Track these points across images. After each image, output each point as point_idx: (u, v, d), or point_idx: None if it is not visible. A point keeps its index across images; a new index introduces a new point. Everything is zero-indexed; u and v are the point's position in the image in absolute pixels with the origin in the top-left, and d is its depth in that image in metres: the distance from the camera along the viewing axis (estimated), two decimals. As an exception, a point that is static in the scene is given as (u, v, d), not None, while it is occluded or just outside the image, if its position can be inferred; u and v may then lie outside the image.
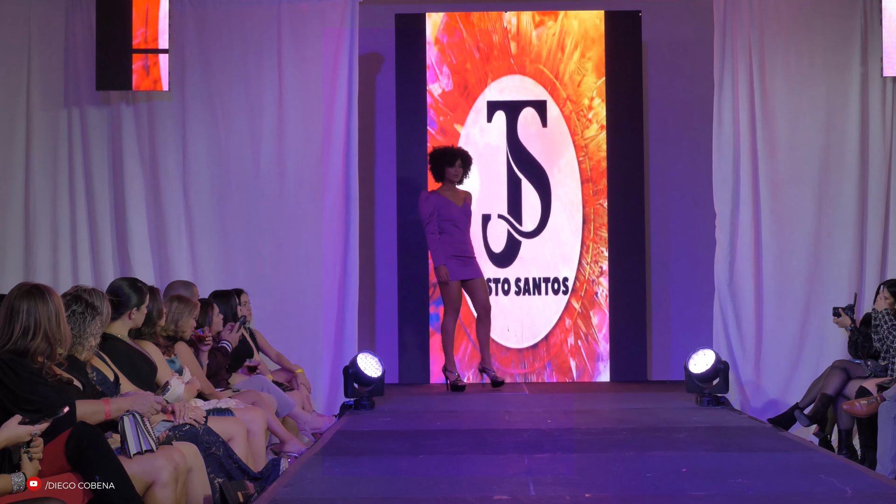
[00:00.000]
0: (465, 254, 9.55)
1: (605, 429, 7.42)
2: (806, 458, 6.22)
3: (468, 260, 9.57)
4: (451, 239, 9.51)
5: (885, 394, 6.98)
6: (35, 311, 4.76)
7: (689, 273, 10.77)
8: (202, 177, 9.64)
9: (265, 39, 9.61)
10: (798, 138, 9.48)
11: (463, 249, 9.54)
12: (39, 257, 9.57)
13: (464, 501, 5.01)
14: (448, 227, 9.52)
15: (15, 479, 4.13)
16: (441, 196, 9.55)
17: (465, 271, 9.51)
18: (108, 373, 5.60)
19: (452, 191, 9.62)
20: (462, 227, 9.57)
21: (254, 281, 9.35)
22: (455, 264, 9.48)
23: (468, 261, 9.57)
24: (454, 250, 9.49)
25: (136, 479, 4.63)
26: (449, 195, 9.58)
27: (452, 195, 9.60)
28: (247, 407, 6.65)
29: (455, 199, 9.59)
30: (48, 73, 9.62)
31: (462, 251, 9.53)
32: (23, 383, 4.69)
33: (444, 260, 9.45)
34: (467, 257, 9.57)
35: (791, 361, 9.35)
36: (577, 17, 10.62)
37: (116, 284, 6.14)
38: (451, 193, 9.60)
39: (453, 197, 9.59)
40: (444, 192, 9.59)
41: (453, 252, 9.49)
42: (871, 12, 9.38)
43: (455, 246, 9.50)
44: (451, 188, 9.63)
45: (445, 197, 9.55)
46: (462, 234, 9.57)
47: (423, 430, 7.46)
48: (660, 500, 5.09)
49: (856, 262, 9.41)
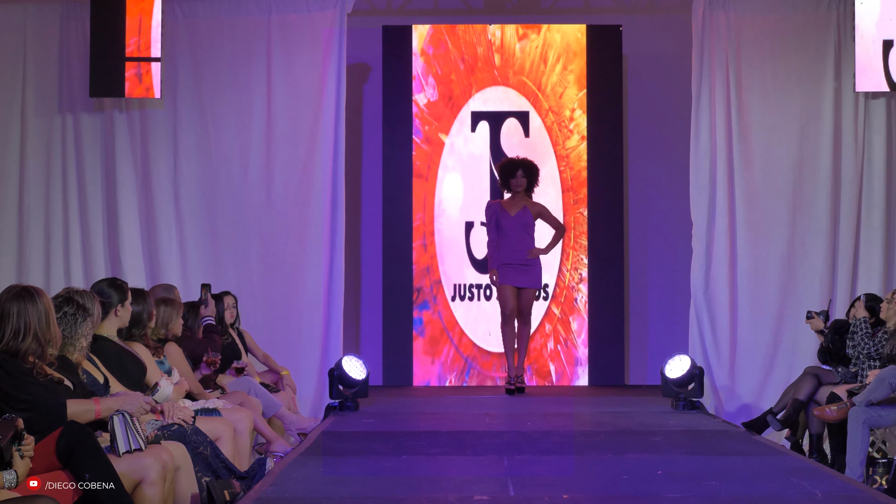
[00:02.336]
0: (515, 261, 9.33)
1: (583, 431, 7.42)
2: (778, 461, 6.23)
3: (519, 267, 9.34)
4: (504, 247, 9.35)
5: (854, 399, 7.00)
6: (25, 313, 4.75)
7: (666, 280, 10.79)
8: (192, 183, 9.64)
9: (255, 49, 9.62)
10: (773, 151, 9.51)
11: (513, 257, 9.33)
12: (32, 260, 9.57)
13: (445, 501, 5.00)
14: (501, 236, 9.38)
15: (6, 477, 4.11)
16: (499, 205, 9.46)
17: (515, 278, 9.32)
18: (98, 376, 5.59)
19: (514, 200, 9.44)
20: (513, 235, 9.36)
21: (242, 284, 9.34)
22: (509, 271, 9.31)
23: (520, 268, 9.34)
24: (507, 258, 9.31)
25: (125, 477, 4.62)
26: (507, 204, 9.44)
27: (511, 204, 9.43)
28: (234, 407, 6.64)
29: (511, 208, 9.41)
30: (43, 79, 9.60)
31: (514, 259, 9.32)
32: (15, 383, 4.68)
33: (494, 265, 9.35)
34: (519, 265, 9.34)
35: (764, 367, 9.38)
36: (560, 30, 10.64)
37: (97, 287, 6.13)
38: (511, 202, 9.44)
39: (510, 206, 9.41)
40: (505, 202, 9.46)
41: (506, 260, 9.32)
42: (845, 29, 9.42)
43: (506, 253, 9.33)
44: (515, 198, 9.44)
45: (502, 206, 9.43)
46: (512, 243, 9.34)
47: (406, 432, 7.45)
48: (636, 501, 5.09)
49: (828, 270, 9.45)
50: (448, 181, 10.61)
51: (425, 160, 10.60)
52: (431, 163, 10.61)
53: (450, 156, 10.60)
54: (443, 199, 10.60)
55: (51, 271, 9.56)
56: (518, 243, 9.33)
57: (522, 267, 9.32)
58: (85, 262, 9.61)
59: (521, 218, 9.36)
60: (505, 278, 9.26)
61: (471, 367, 10.51)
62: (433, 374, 10.51)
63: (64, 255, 9.61)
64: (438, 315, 10.54)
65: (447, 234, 10.60)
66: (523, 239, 9.36)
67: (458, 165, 10.61)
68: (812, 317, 8.21)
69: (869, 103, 9.48)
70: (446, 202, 10.61)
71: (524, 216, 9.37)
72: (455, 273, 10.57)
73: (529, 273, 9.35)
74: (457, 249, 10.58)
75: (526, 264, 9.32)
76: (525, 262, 9.32)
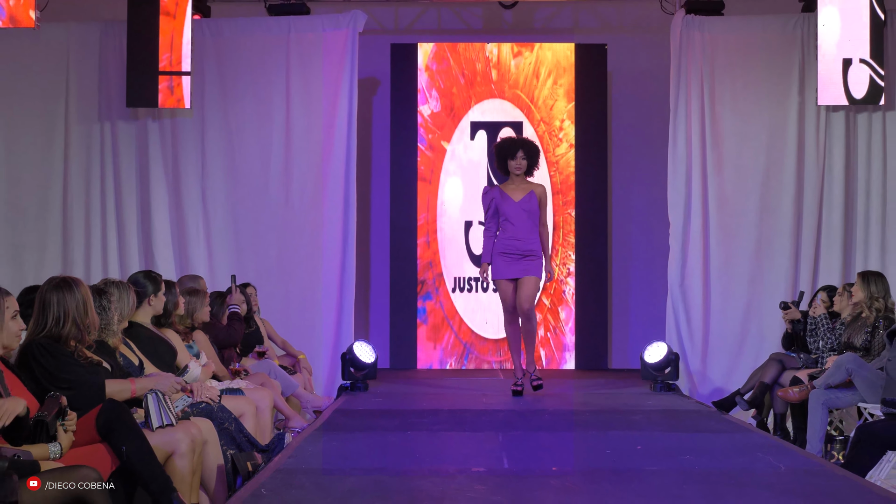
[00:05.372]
0: (515, 251, 7.84)
1: (571, 410, 7.42)
2: (745, 438, 6.24)
3: (517, 258, 7.84)
4: (504, 235, 7.87)
5: (815, 382, 7.01)
6: (64, 302, 4.77)
7: (646, 275, 10.80)
8: (218, 184, 9.64)
9: (275, 65, 9.61)
10: (742, 158, 9.51)
11: (513, 246, 7.83)
12: (75, 253, 9.58)
13: (446, 472, 5.02)
14: (503, 223, 7.89)
15: (52, 449, 4.13)
16: (499, 190, 7.95)
17: (510, 270, 7.84)
18: (133, 358, 5.61)
19: (515, 185, 7.93)
20: (516, 222, 7.84)
21: (262, 277, 9.35)
22: (501, 262, 7.85)
23: (518, 258, 7.84)
24: (503, 247, 7.84)
25: (157, 450, 4.63)
26: (509, 189, 7.92)
27: (513, 189, 7.92)
28: (256, 387, 6.65)
29: (514, 193, 7.89)
30: (84, 91, 9.61)
31: (511, 248, 7.83)
32: (58, 364, 4.70)
33: (487, 258, 7.91)
34: (517, 255, 7.84)
35: (733, 353, 9.38)
36: (551, 48, 10.65)
37: (134, 277, 6.14)
38: (512, 187, 7.92)
39: (513, 192, 7.89)
40: (506, 186, 7.96)
41: (502, 249, 7.85)
42: (808, 48, 9.42)
43: (505, 242, 7.84)
44: (515, 182, 7.94)
45: (504, 191, 7.92)
46: (515, 230, 7.84)
47: (410, 410, 7.46)
48: (618, 473, 5.11)
49: (791, 267, 9.46)
50: (449, 184, 10.62)
51: (429, 165, 10.61)
52: (434, 168, 10.62)
53: (451, 161, 10.61)
54: (444, 201, 10.61)
55: (91, 263, 9.58)
56: (521, 231, 7.86)
57: (520, 256, 7.85)
58: (121, 255, 9.61)
59: (525, 204, 7.87)
60: (498, 272, 7.87)
61: (469, 352, 10.52)
62: (435, 358, 10.53)
63: (102, 249, 9.62)
64: (440, 305, 10.55)
65: (448, 232, 10.61)
66: (527, 227, 7.87)
67: (459, 170, 10.62)
68: (789, 307, 8.19)
69: (829, 116, 9.48)
70: (448, 203, 10.62)
71: (530, 202, 7.88)
72: (455, 267, 10.59)
73: (526, 261, 7.85)
74: (457, 246, 10.59)
75: (524, 254, 7.84)
76: (524, 251, 7.84)
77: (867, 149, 9.49)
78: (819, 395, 6.86)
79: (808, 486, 4.86)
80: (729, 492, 4.66)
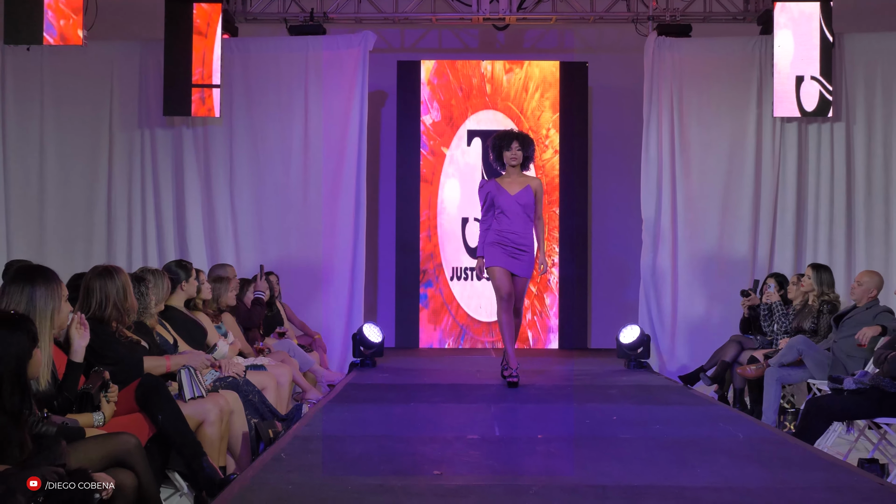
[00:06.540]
0: (510, 243, 7.05)
1: (554, 385, 7.42)
2: (708, 410, 6.24)
3: (512, 251, 7.06)
4: (499, 227, 7.05)
5: (769, 361, 7.00)
6: (105, 288, 4.76)
7: (621, 265, 10.79)
8: (244, 185, 9.62)
9: (295, 79, 9.59)
10: (707, 164, 9.50)
11: (508, 239, 7.04)
12: (118, 245, 9.56)
13: (444, 439, 5.01)
14: (499, 215, 7.07)
15: (96, 417, 4.12)
16: (495, 183, 7.13)
17: (505, 261, 7.04)
18: (168, 338, 5.60)
19: (512, 178, 7.12)
20: (511, 216, 7.03)
21: (283, 266, 9.33)
22: (496, 252, 7.04)
23: (512, 252, 7.06)
24: (498, 238, 7.04)
25: (189, 419, 4.63)
26: (505, 182, 7.11)
27: (509, 182, 7.10)
28: (277, 364, 6.65)
29: (510, 186, 7.08)
30: (126, 101, 9.58)
31: (506, 241, 7.04)
32: (102, 343, 4.69)
33: (481, 251, 7.15)
34: (512, 247, 7.06)
35: (698, 335, 9.37)
36: (539, 65, 10.62)
37: (167, 266, 6.13)
38: (508, 181, 7.11)
39: (509, 185, 7.08)
40: (502, 180, 7.14)
41: (496, 240, 7.04)
42: (765, 66, 9.40)
43: (500, 234, 7.04)
44: (511, 175, 7.13)
45: (500, 184, 7.10)
46: (510, 223, 7.03)
47: (413, 384, 7.45)
48: (596, 440, 5.10)
49: (749, 260, 9.45)
50: (448, 185, 10.60)
51: (430, 168, 10.59)
52: (435, 170, 10.60)
53: (450, 165, 10.60)
54: (444, 200, 10.60)
55: (132, 254, 9.56)
56: (516, 224, 7.07)
57: (516, 251, 7.08)
58: (159, 246, 9.59)
59: (522, 198, 7.07)
60: (494, 259, 7.05)
61: (465, 333, 10.51)
62: (435, 338, 10.52)
63: (142, 241, 9.60)
64: (440, 292, 10.54)
65: (447, 228, 10.60)
66: (522, 220, 7.08)
67: (457, 173, 10.60)
68: (749, 294, 8.18)
69: (784, 126, 9.46)
70: (447, 202, 10.60)
71: (526, 196, 7.08)
72: (453, 258, 10.58)
73: (521, 260, 7.09)
74: (455, 240, 10.58)
75: (518, 249, 7.07)
76: (518, 245, 7.07)
77: (817, 156, 9.48)
78: (773, 372, 6.85)
79: (764, 452, 4.87)
80: (694, 457, 4.65)
